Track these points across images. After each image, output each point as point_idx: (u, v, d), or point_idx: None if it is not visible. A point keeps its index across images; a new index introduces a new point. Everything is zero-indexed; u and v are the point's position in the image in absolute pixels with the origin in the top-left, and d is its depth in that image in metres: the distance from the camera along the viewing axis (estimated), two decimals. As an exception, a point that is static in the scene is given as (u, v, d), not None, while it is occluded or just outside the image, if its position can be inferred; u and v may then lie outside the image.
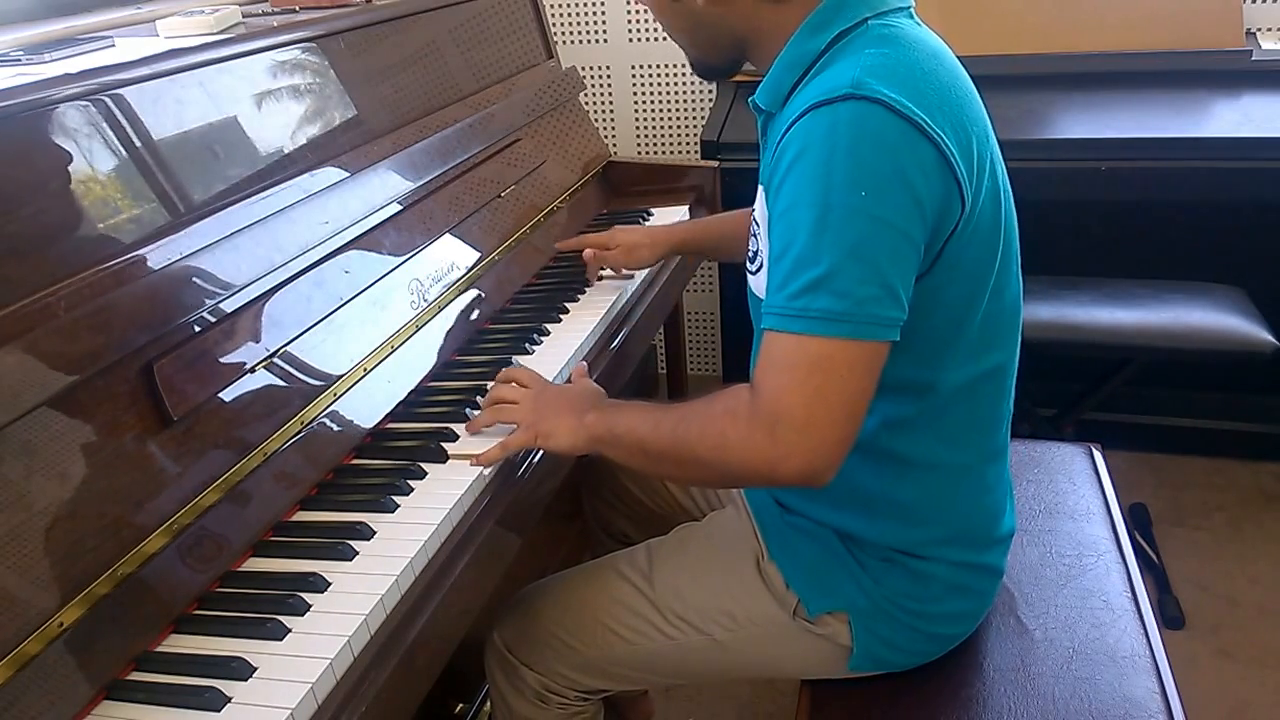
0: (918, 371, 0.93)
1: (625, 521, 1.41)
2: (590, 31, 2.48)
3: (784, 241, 0.85)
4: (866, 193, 0.80)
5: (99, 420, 0.83)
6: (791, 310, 0.82)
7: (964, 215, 0.86)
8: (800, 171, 0.83)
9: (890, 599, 1.03)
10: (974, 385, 0.97)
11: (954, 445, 0.99)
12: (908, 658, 1.07)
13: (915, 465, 0.99)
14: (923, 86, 0.84)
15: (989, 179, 0.90)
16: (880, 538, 1.02)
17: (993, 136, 0.94)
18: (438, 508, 0.94)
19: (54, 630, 0.73)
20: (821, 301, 0.81)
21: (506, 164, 1.56)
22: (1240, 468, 2.27)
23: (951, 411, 0.97)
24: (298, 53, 1.23)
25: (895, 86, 0.82)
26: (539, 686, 1.15)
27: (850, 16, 0.90)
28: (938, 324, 0.91)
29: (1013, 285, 0.99)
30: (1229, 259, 2.16)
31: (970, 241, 0.89)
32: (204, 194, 1.02)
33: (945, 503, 1.01)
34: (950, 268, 0.88)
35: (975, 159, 0.87)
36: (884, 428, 0.96)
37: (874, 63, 0.84)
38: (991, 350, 0.97)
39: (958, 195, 0.85)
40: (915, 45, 0.88)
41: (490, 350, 1.28)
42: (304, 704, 0.73)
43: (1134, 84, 2.08)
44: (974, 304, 0.93)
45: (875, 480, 0.99)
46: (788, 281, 0.83)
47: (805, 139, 0.83)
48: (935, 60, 0.88)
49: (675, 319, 2.04)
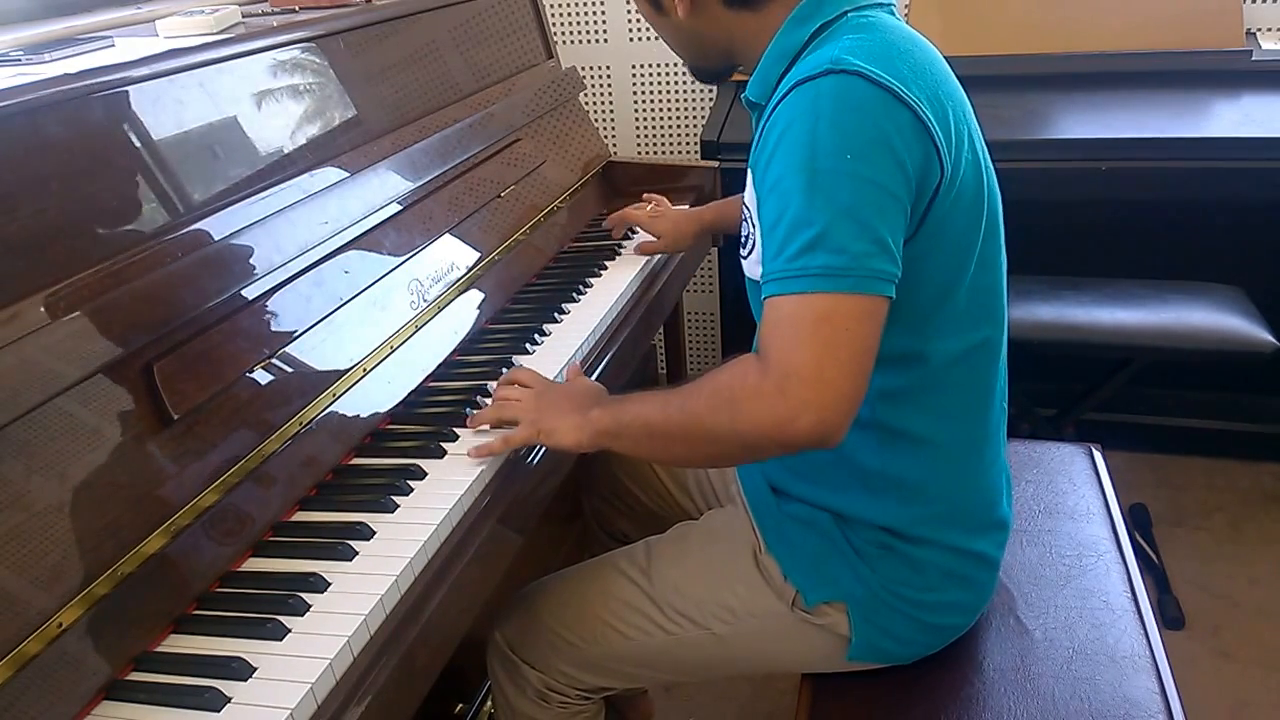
0: (909, 341, 0.95)
1: (624, 520, 1.41)
2: (590, 31, 2.48)
3: (777, 210, 0.87)
4: (851, 155, 0.84)
5: (99, 420, 0.83)
6: (791, 271, 0.85)
7: (944, 179, 0.89)
8: (787, 144, 0.87)
9: (887, 587, 1.03)
10: (964, 358, 0.99)
11: (947, 419, 1.01)
12: (906, 648, 1.08)
13: (910, 439, 1.00)
14: (898, 62, 0.88)
15: (969, 151, 0.94)
16: (877, 518, 1.03)
17: (972, 115, 0.98)
18: (438, 508, 0.94)
19: (54, 630, 0.73)
20: (820, 259, 0.83)
21: (506, 164, 1.56)
22: (1240, 468, 2.27)
23: (943, 384, 0.99)
24: (297, 53, 1.23)
25: (872, 61, 0.86)
26: (540, 685, 1.15)
27: (831, 10, 0.95)
28: (926, 294, 0.93)
29: (999, 260, 1.02)
30: (1229, 259, 2.16)
31: (954, 209, 0.92)
32: (204, 194, 1.02)
33: (940, 479, 1.02)
34: (935, 234, 0.91)
35: (953, 129, 0.91)
36: (878, 399, 0.98)
37: (851, 44, 0.89)
38: (980, 324, 1.00)
39: (936, 159, 0.88)
40: (891, 31, 0.93)
41: (490, 350, 1.28)
42: (304, 704, 0.73)
43: (1134, 84, 2.08)
44: (960, 274, 0.95)
45: (871, 456, 1.00)
46: (784, 246, 0.86)
47: (790, 114, 0.87)
48: (911, 43, 0.93)
49: (675, 319, 2.04)
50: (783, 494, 1.11)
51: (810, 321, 0.83)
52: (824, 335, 0.83)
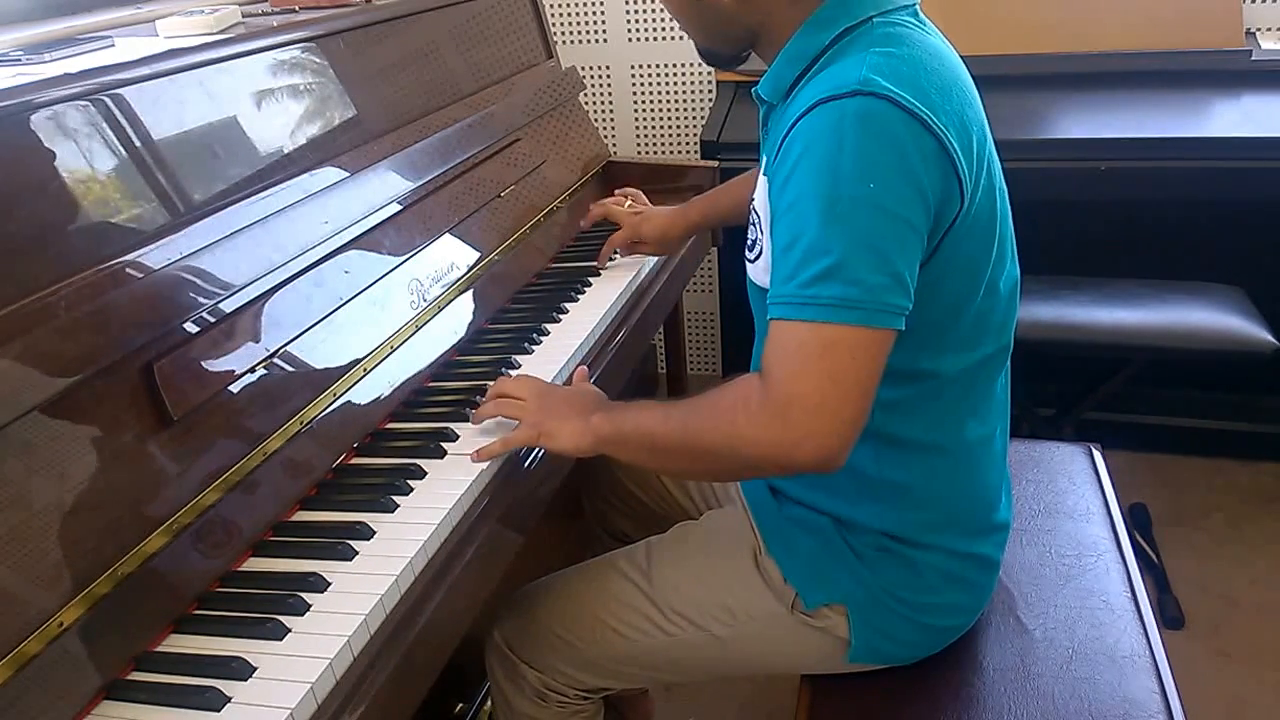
0: (915, 359, 0.94)
1: (624, 520, 1.41)
2: (590, 31, 2.48)
3: (792, 233, 0.86)
4: (874, 184, 0.82)
5: (99, 420, 0.83)
6: (802, 299, 0.84)
7: (963, 209, 0.88)
8: (808, 165, 0.85)
9: (887, 589, 1.03)
10: (968, 372, 0.99)
11: (948, 428, 1.01)
12: (906, 650, 1.08)
13: (910, 447, 1.00)
14: (925, 85, 0.85)
15: (986, 176, 0.92)
16: (876, 522, 1.03)
17: (990, 135, 0.96)
18: (438, 508, 0.94)
19: (54, 630, 0.73)
20: (834, 289, 0.82)
21: (506, 164, 1.56)
22: (1240, 468, 2.27)
23: (946, 396, 0.99)
24: (298, 53, 1.23)
25: (900, 84, 0.84)
26: (539, 685, 1.15)
27: (856, 14, 0.92)
28: (934, 315, 0.93)
29: (1007, 281, 1.01)
30: (1229, 259, 2.16)
31: (967, 236, 0.90)
32: (204, 194, 1.02)
33: (940, 485, 1.02)
34: (947, 261, 0.90)
35: (975, 156, 0.89)
36: (880, 410, 0.97)
37: (879, 61, 0.85)
38: (986, 340, 0.99)
39: (958, 189, 0.87)
40: (919, 45, 0.90)
41: (490, 350, 1.28)
42: (304, 704, 0.73)
43: (1134, 84, 2.08)
44: (969, 299, 0.95)
45: (871, 463, 1.00)
46: (798, 271, 0.85)
47: (812, 134, 0.85)
48: (938, 60, 0.90)
49: (675, 319, 2.04)
50: (782, 496, 1.11)
51: (817, 351, 0.83)
52: (829, 365, 0.83)
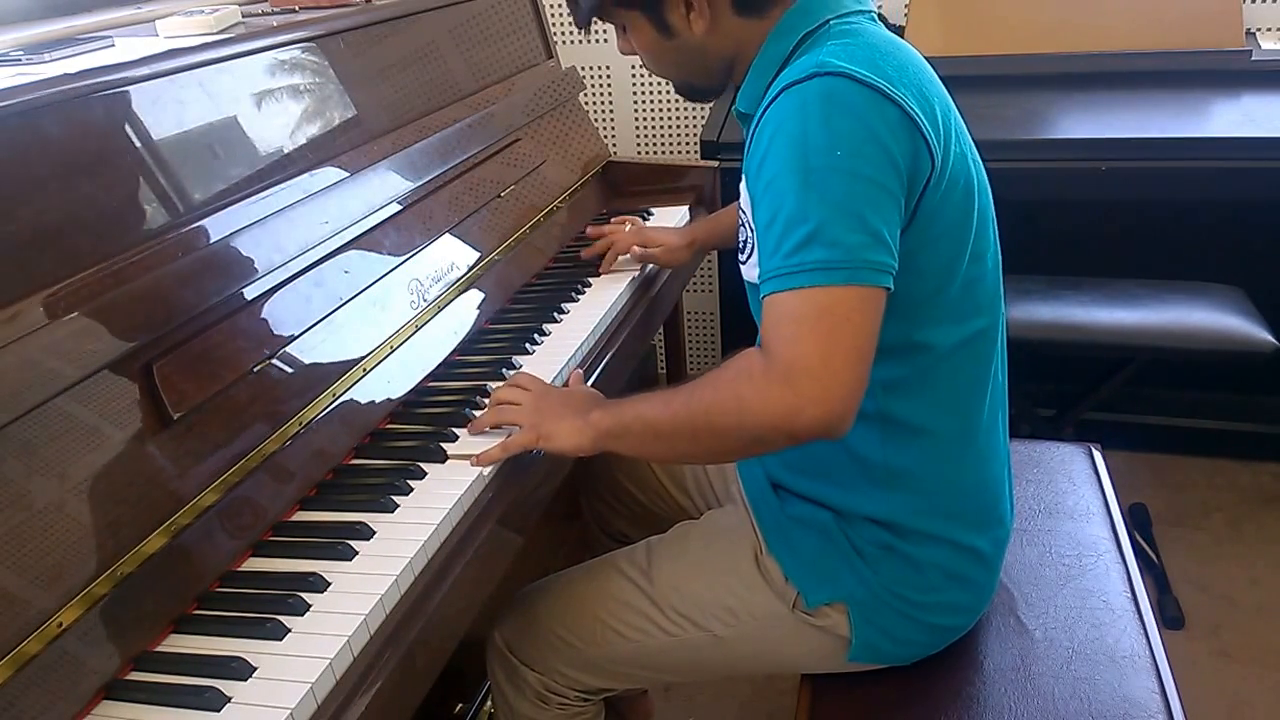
0: (907, 331, 0.96)
1: (624, 521, 1.41)
2: (590, 31, 2.48)
3: (772, 210, 0.89)
4: (842, 152, 0.86)
5: (99, 420, 0.83)
6: (789, 268, 0.86)
7: (934, 172, 0.91)
8: (778, 145, 0.89)
9: (888, 588, 1.04)
10: (962, 347, 1.00)
11: (946, 410, 1.02)
12: (906, 649, 1.08)
13: (911, 430, 1.01)
14: (881, 63, 0.90)
15: (956, 144, 0.96)
16: (878, 510, 1.03)
17: (957, 114, 1.00)
18: (437, 508, 0.94)
19: (54, 630, 0.73)
20: (816, 254, 0.85)
21: (506, 164, 1.56)
22: (1240, 468, 2.27)
23: (942, 373, 1.00)
24: (298, 53, 1.23)
25: (856, 63, 0.88)
26: (540, 686, 1.15)
27: (813, 20, 0.98)
28: (921, 286, 0.95)
29: (991, 251, 1.03)
30: (1229, 259, 2.16)
31: (945, 202, 0.93)
32: (204, 194, 1.02)
33: (940, 470, 1.03)
34: (928, 226, 0.93)
35: (940, 123, 0.93)
36: (880, 391, 0.99)
37: (835, 48, 0.91)
38: (976, 314, 1.01)
39: (926, 151, 0.90)
40: (874, 35, 0.96)
41: (490, 350, 1.28)
42: (304, 704, 0.73)
43: (1134, 84, 2.08)
44: (955, 265, 0.97)
45: (873, 448, 1.01)
46: (781, 243, 0.87)
47: (779, 117, 0.89)
48: (893, 46, 0.95)
49: (675, 319, 2.04)
50: (784, 491, 1.11)
51: (811, 315, 0.85)
52: (825, 327, 0.84)
